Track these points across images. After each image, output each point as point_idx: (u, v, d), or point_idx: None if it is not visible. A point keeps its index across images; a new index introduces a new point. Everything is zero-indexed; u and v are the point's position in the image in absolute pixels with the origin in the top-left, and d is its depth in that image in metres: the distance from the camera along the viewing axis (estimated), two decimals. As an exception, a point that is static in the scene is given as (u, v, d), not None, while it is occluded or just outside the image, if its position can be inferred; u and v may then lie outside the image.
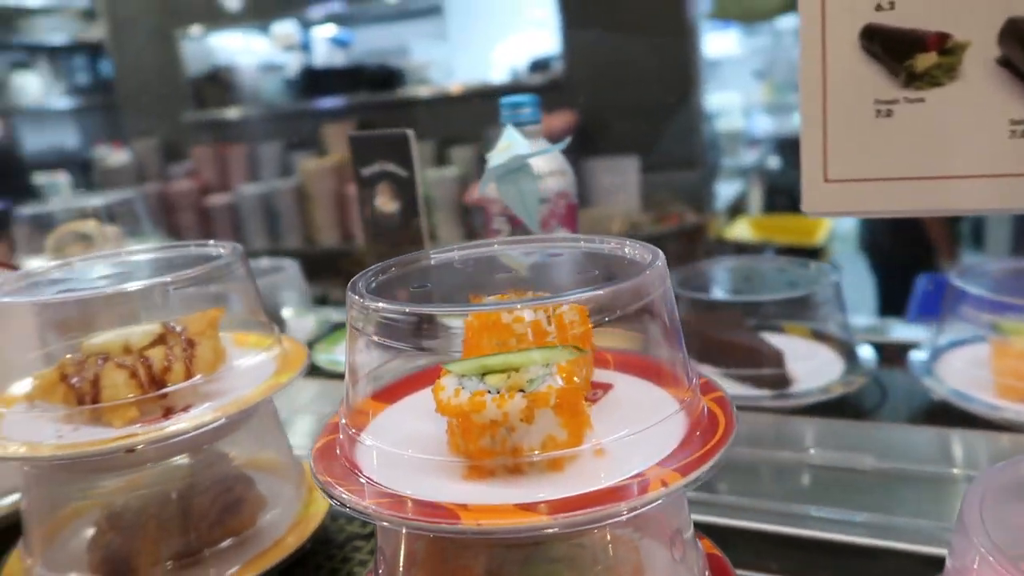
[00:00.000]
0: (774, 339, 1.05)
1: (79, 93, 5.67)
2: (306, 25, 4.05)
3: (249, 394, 0.66)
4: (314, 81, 3.64)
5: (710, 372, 1.03)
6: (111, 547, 0.66)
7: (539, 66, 3.30)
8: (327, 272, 3.42)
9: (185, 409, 0.65)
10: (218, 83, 3.91)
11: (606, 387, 0.55)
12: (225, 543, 0.69)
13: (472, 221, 3.13)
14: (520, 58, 3.46)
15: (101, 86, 5.65)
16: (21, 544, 0.72)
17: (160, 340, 0.67)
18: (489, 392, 0.45)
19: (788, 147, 4.34)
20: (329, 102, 3.60)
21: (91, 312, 0.69)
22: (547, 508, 0.41)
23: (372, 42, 4.00)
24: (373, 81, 3.55)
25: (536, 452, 0.45)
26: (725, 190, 3.72)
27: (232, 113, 3.87)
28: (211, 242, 0.78)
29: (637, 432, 0.47)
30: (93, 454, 0.60)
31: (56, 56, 5.73)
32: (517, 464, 0.45)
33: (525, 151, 0.73)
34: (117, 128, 5.35)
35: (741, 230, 3.50)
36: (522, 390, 0.44)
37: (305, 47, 4.15)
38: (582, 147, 3.17)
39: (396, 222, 0.94)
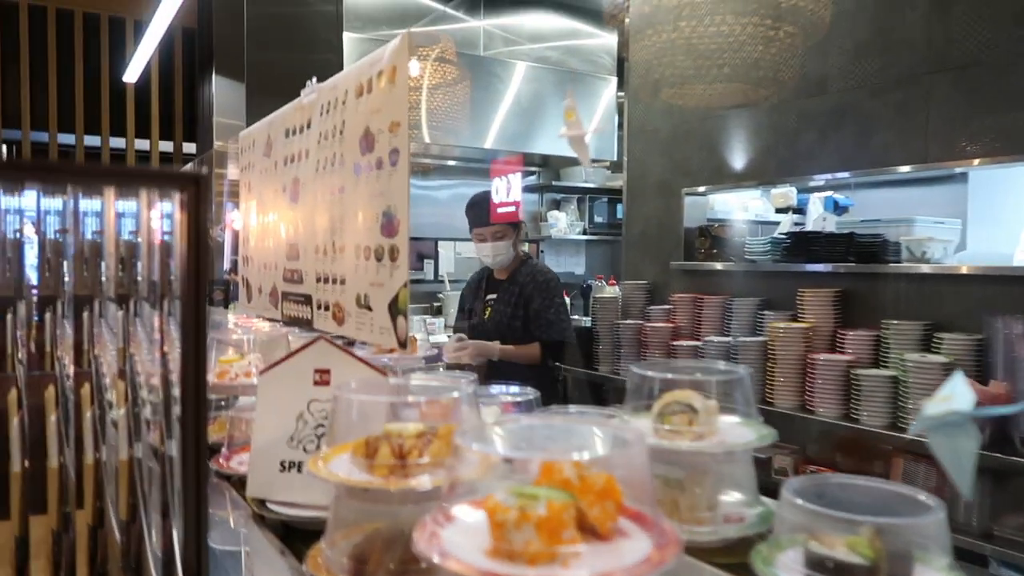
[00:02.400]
0: None
1: (594, 231, 6.59)
2: (806, 189, 4.10)
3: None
4: (801, 243, 3.63)
5: None
6: (359, 548, 1.06)
7: None
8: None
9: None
10: (708, 235, 4.16)
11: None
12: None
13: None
14: (1050, 243, 2.96)
15: (611, 227, 6.48)
16: (323, 540, 1.10)
17: (419, 435, 1.07)
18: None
19: None
20: (812, 266, 3.55)
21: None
22: None
23: (875, 210, 3.85)
24: (862, 251, 3.40)
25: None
26: None
27: (716, 265, 4.07)
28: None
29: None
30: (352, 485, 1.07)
31: (583, 198, 6.76)
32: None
33: (967, 408, 0.64)
34: (615, 264, 6.04)
35: None
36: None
37: (800, 209, 4.20)
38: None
39: None
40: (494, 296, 3.92)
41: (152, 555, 0.95)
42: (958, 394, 0.66)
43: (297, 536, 1.25)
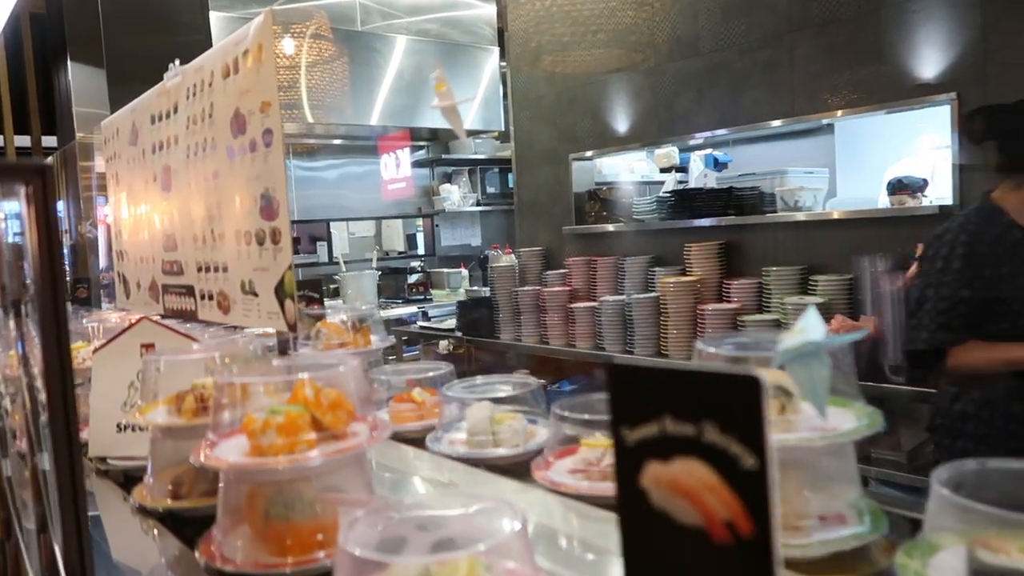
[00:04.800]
0: None
1: (487, 201, 6.60)
2: (688, 148, 4.24)
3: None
4: (684, 200, 3.76)
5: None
6: (176, 479, 1.34)
7: (896, 188, 3.02)
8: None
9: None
10: (598, 199, 4.25)
11: None
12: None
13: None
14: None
15: (504, 196, 6.52)
16: (147, 476, 1.38)
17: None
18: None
19: None
20: (696, 222, 3.68)
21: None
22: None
23: (752, 164, 4.02)
24: (741, 204, 3.55)
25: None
26: None
27: (607, 227, 4.17)
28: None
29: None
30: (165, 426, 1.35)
31: (474, 170, 6.76)
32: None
33: (819, 338, 0.69)
34: (511, 233, 6.08)
35: None
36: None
37: (682, 168, 4.33)
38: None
39: (702, 547, 0.53)
40: None
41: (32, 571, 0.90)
42: (811, 326, 0.71)
43: (135, 482, 1.44)
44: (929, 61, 2.89)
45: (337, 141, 6.21)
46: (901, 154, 3.56)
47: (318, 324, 1.80)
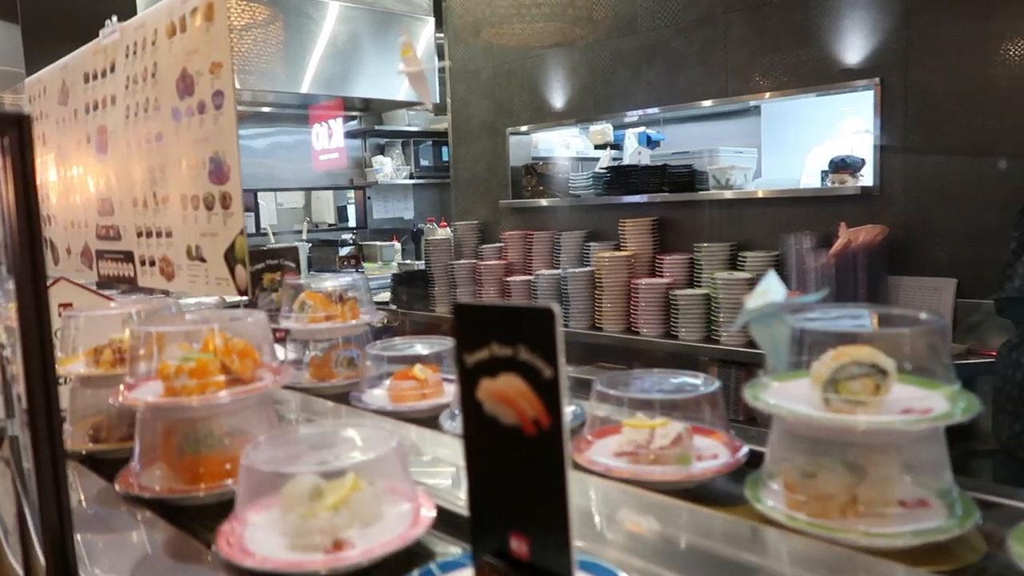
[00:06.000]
0: None
1: (420, 174, 6.56)
2: (622, 126, 4.31)
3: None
4: (620, 177, 3.83)
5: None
6: (96, 425, 1.45)
7: (838, 167, 3.17)
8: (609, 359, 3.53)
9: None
10: (534, 173, 4.29)
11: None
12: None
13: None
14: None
15: (437, 170, 6.49)
16: (67, 423, 1.49)
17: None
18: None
19: None
20: (631, 198, 3.77)
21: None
22: None
23: (684, 143, 4.13)
24: (675, 181, 3.65)
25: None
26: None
27: (543, 201, 4.22)
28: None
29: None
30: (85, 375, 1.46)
31: (408, 142, 6.69)
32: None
33: (781, 299, 0.74)
34: (444, 207, 6.06)
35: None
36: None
37: (616, 145, 4.41)
38: (891, 262, 2.96)
39: (519, 440, 0.70)
40: None
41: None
42: (772, 288, 0.76)
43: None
44: (855, 47, 3.02)
45: (266, 109, 6.04)
46: (823, 137, 3.71)
47: (302, 296, 1.74)
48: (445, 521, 1.00)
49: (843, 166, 3.17)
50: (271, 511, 0.98)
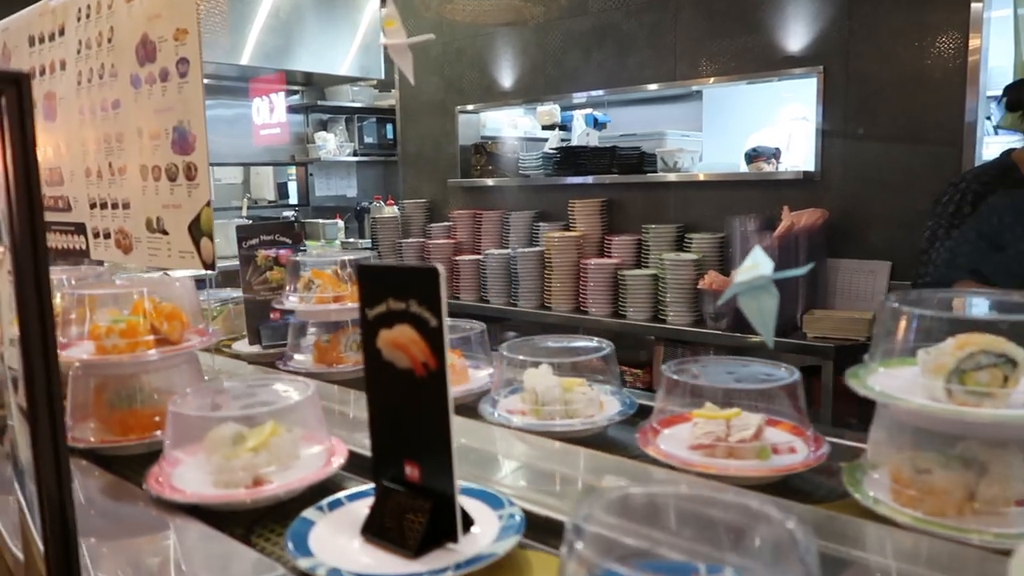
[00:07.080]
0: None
1: (364, 152, 6.47)
2: (569, 107, 4.34)
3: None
4: (569, 158, 3.87)
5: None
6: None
7: (753, 157, 3.33)
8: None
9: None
10: (484, 152, 4.29)
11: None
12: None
13: (703, 306, 3.14)
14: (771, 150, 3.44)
15: (382, 147, 6.41)
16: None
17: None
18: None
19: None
20: (580, 179, 3.81)
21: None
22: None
23: (629, 125, 4.19)
24: (623, 163, 3.71)
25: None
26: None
27: (491, 181, 4.23)
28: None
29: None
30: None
31: (352, 119, 6.59)
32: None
33: (769, 272, 0.78)
34: (389, 185, 6.00)
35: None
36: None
37: (564, 126, 4.44)
38: (830, 245, 3.08)
39: (411, 381, 0.83)
40: None
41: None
42: (761, 261, 0.80)
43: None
44: (799, 35, 3.12)
45: (206, 81, 5.86)
46: (763, 123, 3.82)
47: (307, 274, 1.64)
48: (357, 464, 1.13)
49: (756, 155, 3.33)
50: (196, 456, 1.09)
